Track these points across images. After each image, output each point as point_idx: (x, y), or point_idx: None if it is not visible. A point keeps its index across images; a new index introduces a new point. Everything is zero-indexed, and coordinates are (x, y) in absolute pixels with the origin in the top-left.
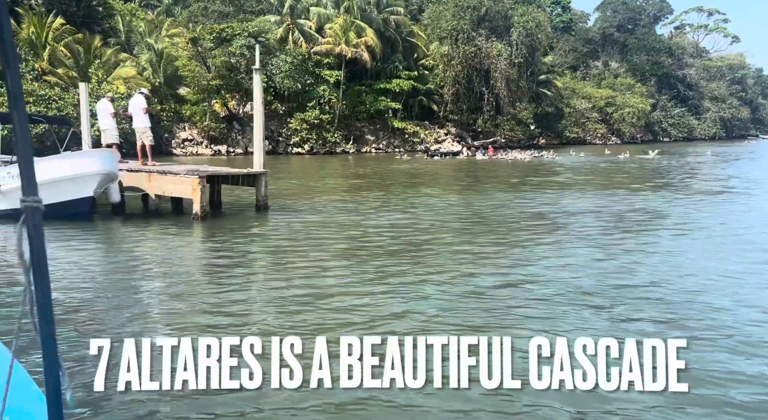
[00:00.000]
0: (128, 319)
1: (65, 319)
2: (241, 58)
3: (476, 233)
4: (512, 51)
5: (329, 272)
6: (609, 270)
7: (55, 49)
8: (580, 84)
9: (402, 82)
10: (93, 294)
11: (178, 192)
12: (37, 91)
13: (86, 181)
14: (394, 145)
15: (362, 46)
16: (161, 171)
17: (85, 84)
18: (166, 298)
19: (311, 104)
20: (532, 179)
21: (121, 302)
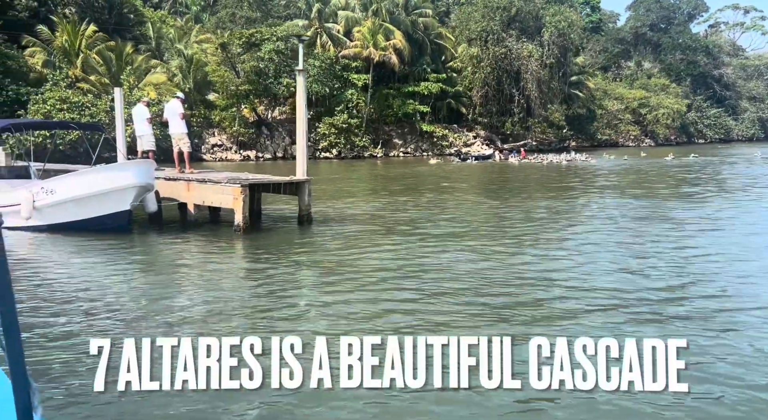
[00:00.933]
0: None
1: (106, 334)
2: (269, 63)
3: (551, 245)
4: (543, 52)
5: (385, 295)
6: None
7: (88, 56)
8: (612, 85)
9: (430, 85)
10: (132, 315)
11: (219, 201)
12: (71, 98)
13: (122, 195)
14: (422, 149)
15: (390, 48)
16: (200, 179)
17: (120, 89)
18: (214, 321)
19: (339, 108)
20: (592, 183)
21: (164, 325)
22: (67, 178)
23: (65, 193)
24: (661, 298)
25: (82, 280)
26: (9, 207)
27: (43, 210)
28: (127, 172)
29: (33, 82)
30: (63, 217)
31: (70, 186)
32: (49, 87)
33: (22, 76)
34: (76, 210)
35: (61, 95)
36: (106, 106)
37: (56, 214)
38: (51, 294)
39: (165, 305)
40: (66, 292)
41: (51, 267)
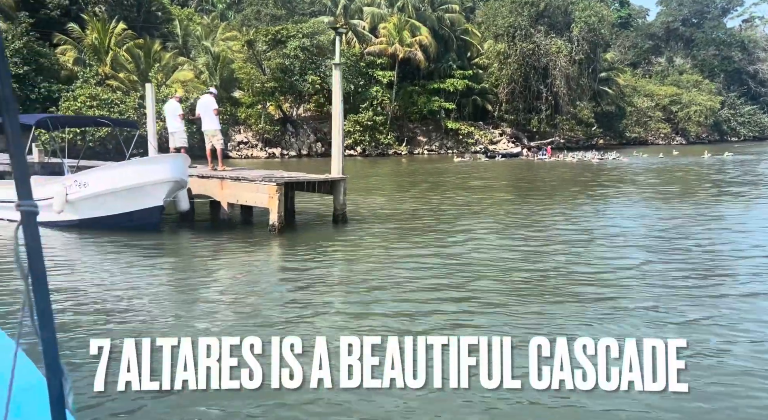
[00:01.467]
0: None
1: (128, 333)
2: (295, 60)
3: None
4: (573, 47)
5: (428, 306)
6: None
7: (117, 53)
8: (642, 81)
9: (456, 82)
10: (165, 320)
11: (254, 200)
12: (101, 96)
13: (156, 190)
14: (447, 147)
15: (416, 45)
16: (234, 177)
17: (151, 85)
18: (246, 321)
19: (364, 106)
20: (634, 182)
21: (192, 325)
22: (100, 171)
23: (98, 186)
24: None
25: (108, 277)
26: (42, 201)
27: (75, 204)
28: (162, 165)
29: (64, 79)
30: (95, 212)
31: (103, 179)
32: (80, 84)
33: (54, 74)
34: (108, 204)
35: (91, 92)
36: (135, 103)
37: (88, 208)
38: (74, 290)
39: (195, 306)
40: (89, 288)
41: (77, 263)
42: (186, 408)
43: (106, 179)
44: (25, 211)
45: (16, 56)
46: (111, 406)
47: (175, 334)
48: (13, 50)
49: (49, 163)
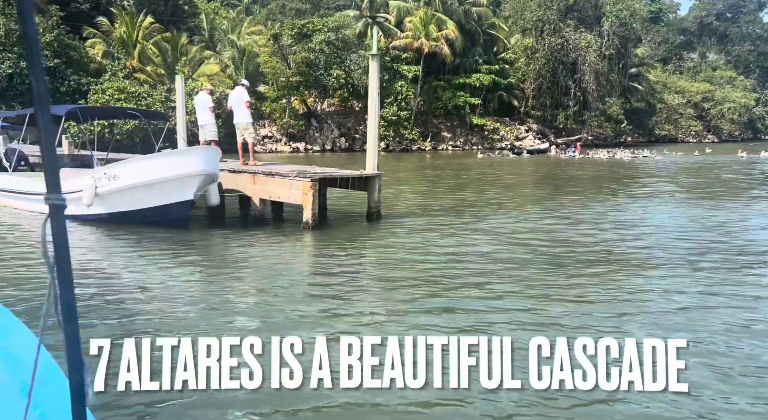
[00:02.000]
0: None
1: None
2: (320, 55)
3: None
4: (603, 42)
5: (467, 305)
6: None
7: (144, 47)
8: (673, 78)
9: (482, 77)
10: (191, 317)
11: (287, 196)
12: (128, 88)
13: (187, 183)
14: (471, 143)
15: (442, 39)
16: (267, 172)
17: (181, 77)
18: (283, 328)
19: (389, 100)
20: (675, 182)
21: (220, 323)
22: (130, 164)
23: (128, 178)
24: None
25: (133, 273)
26: (71, 194)
27: (105, 197)
28: (194, 158)
29: (93, 72)
30: (125, 205)
31: (133, 171)
32: (108, 77)
33: (83, 67)
34: (138, 198)
35: (119, 85)
36: (162, 96)
37: (118, 202)
38: (98, 286)
39: (224, 305)
40: (113, 284)
41: (103, 257)
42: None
43: (136, 172)
44: (54, 205)
45: (47, 49)
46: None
47: (200, 331)
48: (44, 43)
49: (78, 155)
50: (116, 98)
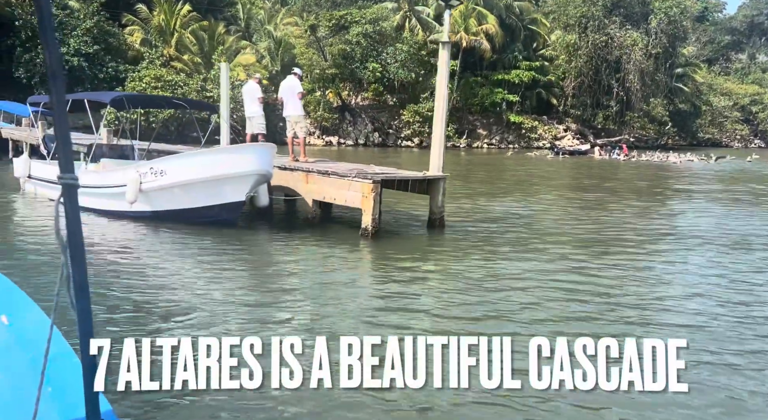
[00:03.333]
0: None
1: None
2: (356, 47)
3: None
4: (650, 40)
5: (547, 332)
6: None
7: (182, 35)
8: (719, 79)
9: (522, 73)
10: (235, 326)
11: (344, 198)
12: (165, 77)
13: (240, 183)
14: (507, 141)
15: (482, 34)
16: (322, 171)
17: (226, 64)
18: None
19: (424, 96)
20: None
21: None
22: (179, 159)
23: (177, 175)
24: None
25: (170, 276)
26: (113, 188)
27: (150, 194)
28: (249, 156)
29: (131, 59)
30: (171, 204)
31: (183, 168)
32: (146, 65)
33: (121, 54)
34: (186, 196)
35: (156, 73)
36: (198, 85)
37: (164, 200)
38: (140, 290)
39: (268, 319)
40: (153, 287)
41: (142, 258)
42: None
43: (185, 168)
44: (66, 184)
45: (86, 35)
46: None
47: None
48: (84, 29)
49: (117, 145)
50: (153, 86)
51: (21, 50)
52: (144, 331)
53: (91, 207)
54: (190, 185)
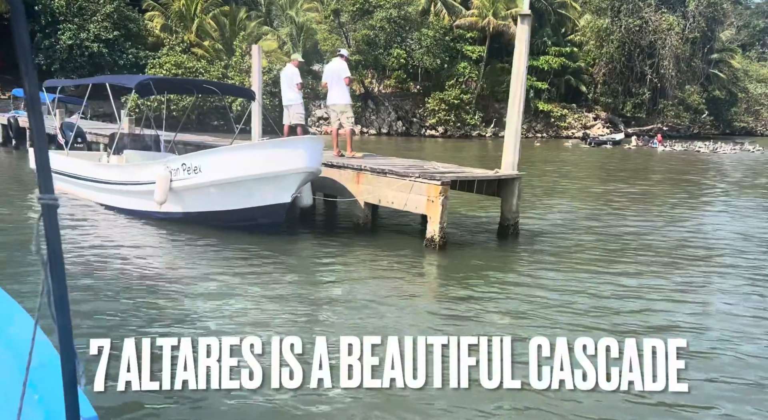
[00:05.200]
0: None
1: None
2: (380, 32)
3: None
4: (687, 24)
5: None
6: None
7: (203, 20)
8: (755, 65)
9: (551, 60)
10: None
11: (403, 202)
12: (186, 64)
13: (287, 182)
14: (535, 130)
15: (510, 18)
16: (377, 169)
17: (258, 47)
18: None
19: (450, 83)
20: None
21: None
22: (217, 154)
23: (214, 173)
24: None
25: (196, 284)
26: (140, 185)
27: (181, 193)
28: (297, 150)
29: (151, 46)
30: (206, 205)
31: (221, 165)
32: (166, 51)
33: (141, 40)
34: (224, 197)
35: (176, 60)
36: (219, 72)
37: (198, 200)
38: (163, 299)
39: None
40: (178, 298)
41: (167, 266)
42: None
43: (224, 165)
44: (46, 204)
45: (106, 21)
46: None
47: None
48: (104, 15)
49: (140, 135)
50: (173, 73)
51: (41, 36)
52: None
53: (113, 205)
54: (228, 184)
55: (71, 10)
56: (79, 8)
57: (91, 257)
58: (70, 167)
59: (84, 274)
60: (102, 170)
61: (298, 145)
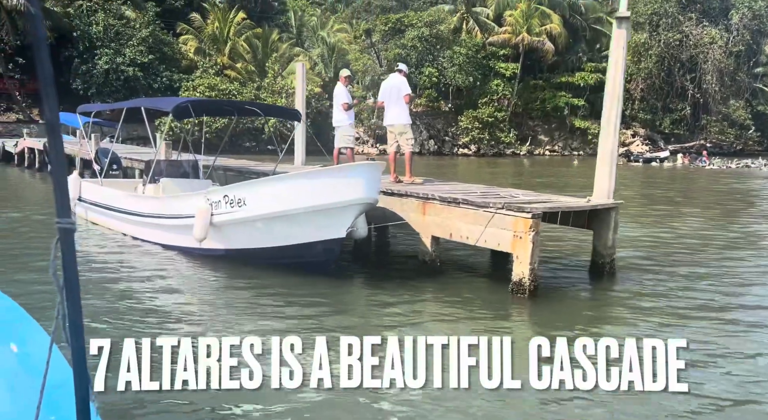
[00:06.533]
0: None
1: None
2: (412, 51)
3: None
4: (730, 37)
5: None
6: None
7: (236, 43)
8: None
9: (587, 76)
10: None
11: (482, 238)
12: (219, 86)
13: (342, 215)
14: (571, 147)
15: (545, 35)
16: (448, 198)
17: (302, 64)
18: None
19: (484, 100)
20: None
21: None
22: (264, 185)
23: (260, 206)
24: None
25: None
26: (178, 219)
27: (223, 229)
28: (355, 180)
29: (184, 68)
30: (250, 241)
31: (268, 197)
32: (199, 74)
33: (175, 63)
34: (271, 232)
35: (209, 82)
36: (252, 94)
37: (242, 236)
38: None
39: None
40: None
41: (205, 307)
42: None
43: (272, 198)
44: (62, 228)
45: (142, 45)
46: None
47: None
48: (139, 39)
49: (177, 161)
50: (206, 95)
51: (78, 61)
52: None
53: (149, 239)
54: (276, 219)
55: (108, 35)
56: (116, 33)
57: (113, 286)
58: (105, 198)
59: (101, 297)
60: (138, 202)
61: (355, 173)
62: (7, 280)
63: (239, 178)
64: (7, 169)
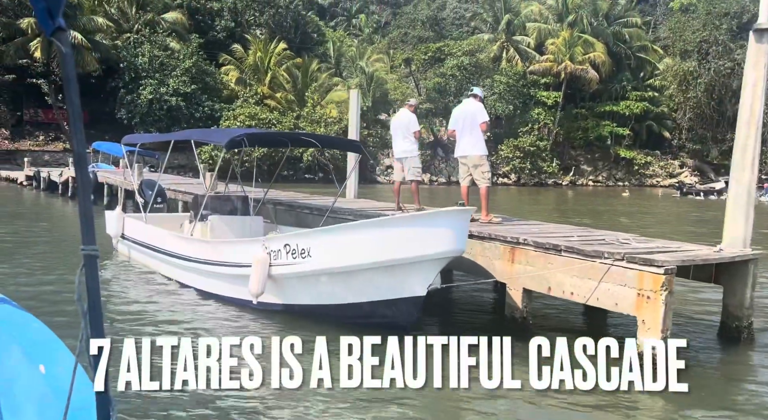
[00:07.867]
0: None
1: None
2: (451, 80)
3: None
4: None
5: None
6: None
7: (276, 73)
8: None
9: (632, 104)
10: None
11: (594, 295)
12: (259, 115)
13: (424, 269)
14: (615, 178)
15: (587, 63)
16: (545, 244)
17: (356, 91)
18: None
19: (525, 129)
20: None
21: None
22: (332, 235)
23: (328, 258)
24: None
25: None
26: (231, 267)
27: (283, 282)
28: (441, 229)
29: (225, 98)
30: (313, 297)
31: (337, 248)
32: (240, 103)
33: (217, 93)
34: (338, 288)
35: (250, 111)
36: (291, 123)
37: (304, 291)
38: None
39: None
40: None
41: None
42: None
43: (341, 249)
44: (87, 255)
45: (185, 75)
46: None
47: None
48: (183, 69)
49: (226, 196)
50: (247, 124)
51: (123, 92)
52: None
53: (197, 287)
54: (348, 273)
55: (153, 66)
56: (160, 64)
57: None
58: (150, 237)
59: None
60: (185, 245)
61: (444, 222)
62: (44, 313)
63: (290, 212)
64: (51, 199)
